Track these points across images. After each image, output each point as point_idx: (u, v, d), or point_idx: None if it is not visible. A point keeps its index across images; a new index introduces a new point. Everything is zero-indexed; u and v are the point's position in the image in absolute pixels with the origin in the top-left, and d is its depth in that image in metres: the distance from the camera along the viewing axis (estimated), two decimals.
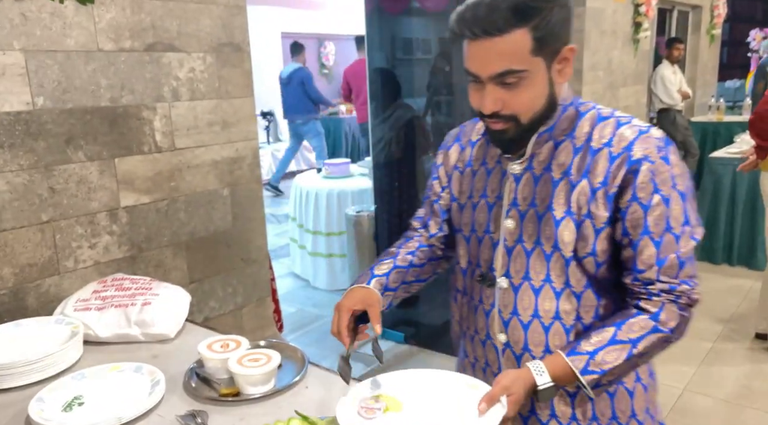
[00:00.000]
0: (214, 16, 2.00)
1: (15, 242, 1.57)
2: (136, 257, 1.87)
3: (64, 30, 1.61)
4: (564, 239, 1.01)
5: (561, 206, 1.01)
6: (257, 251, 2.30)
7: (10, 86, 1.52)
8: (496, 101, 0.96)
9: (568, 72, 1.00)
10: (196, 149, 2.02)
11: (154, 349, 1.52)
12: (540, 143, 1.03)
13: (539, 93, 0.97)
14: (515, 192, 1.06)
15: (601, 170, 0.98)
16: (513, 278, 1.07)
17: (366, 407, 0.99)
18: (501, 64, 0.93)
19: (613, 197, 0.97)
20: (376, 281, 1.20)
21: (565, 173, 1.01)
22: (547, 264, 1.03)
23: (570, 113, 1.04)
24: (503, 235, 1.07)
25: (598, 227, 0.99)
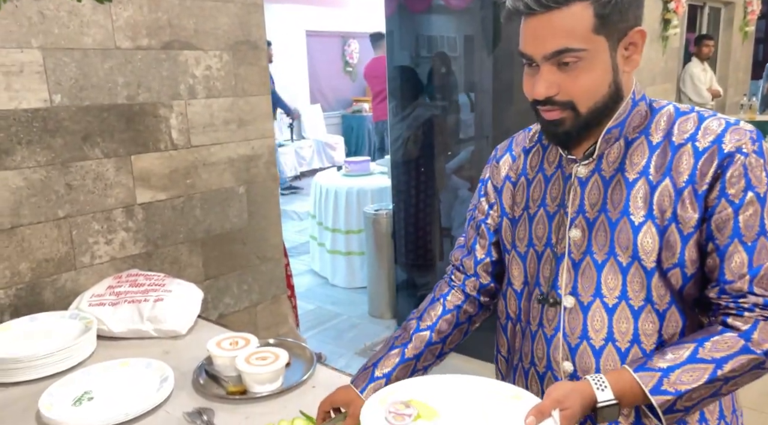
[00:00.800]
0: (231, 14, 2.01)
1: (32, 238, 1.59)
2: (151, 253, 1.89)
3: (81, 28, 1.63)
4: (645, 247, 0.88)
5: (640, 209, 0.89)
6: (272, 249, 2.30)
7: (28, 84, 1.54)
8: (551, 85, 0.86)
9: (636, 59, 0.88)
10: (212, 146, 2.03)
11: (166, 345, 1.53)
12: (608, 141, 0.92)
13: (600, 78, 0.86)
14: (581, 198, 0.94)
15: (687, 167, 0.87)
16: (581, 297, 0.94)
17: (395, 412, 0.91)
18: (557, 42, 0.83)
19: (704, 196, 0.86)
20: (371, 388, 1.05)
21: (643, 173, 0.89)
22: (624, 278, 0.90)
23: (642, 108, 0.92)
24: (569, 247, 0.95)
25: (687, 233, 0.86)
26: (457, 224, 3.46)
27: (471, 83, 3.43)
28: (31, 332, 1.47)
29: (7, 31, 1.49)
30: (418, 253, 3.54)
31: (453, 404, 0.93)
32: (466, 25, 3.37)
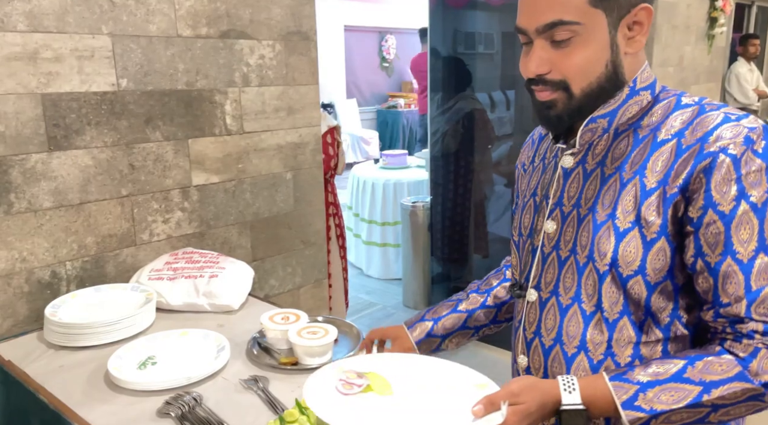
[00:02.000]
0: (284, 6, 2.08)
1: (98, 214, 1.69)
2: (204, 233, 1.97)
3: (147, 16, 1.72)
4: (600, 247, 0.81)
5: (605, 208, 0.82)
6: (316, 235, 2.37)
7: (98, 68, 1.64)
8: (543, 61, 0.81)
9: (639, 41, 0.81)
10: (263, 133, 2.11)
11: (220, 319, 1.61)
12: (595, 130, 0.86)
13: (596, 56, 0.79)
14: (562, 190, 0.90)
15: (662, 166, 0.78)
16: (542, 292, 0.91)
17: (346, 380, 0.87)
18: (550, 14, 0.78)
19: (673, 201, 0.77)
20: (418, 326, 1.12)
21: (618, 169, 0.83)
22: (579, 278, 0.85)
23: (643, 98, 0.84)
24: (542, 239, 0.91)
25: (650, 239, 0.78)
26: (493, 219, 3.48)
27: (510, 79, 3.44)
28: (95, 301, 1.57)
29: (81, 17, 1.58)
30: (453, 246, 3.57)
31: (412, 384, 0.89)
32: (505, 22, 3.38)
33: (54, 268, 1.62)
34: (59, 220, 1.61)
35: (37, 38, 1.51)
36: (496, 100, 3.49)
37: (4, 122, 1.48)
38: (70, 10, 1.56)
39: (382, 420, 0.81)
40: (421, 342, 1.11)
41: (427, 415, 0.82)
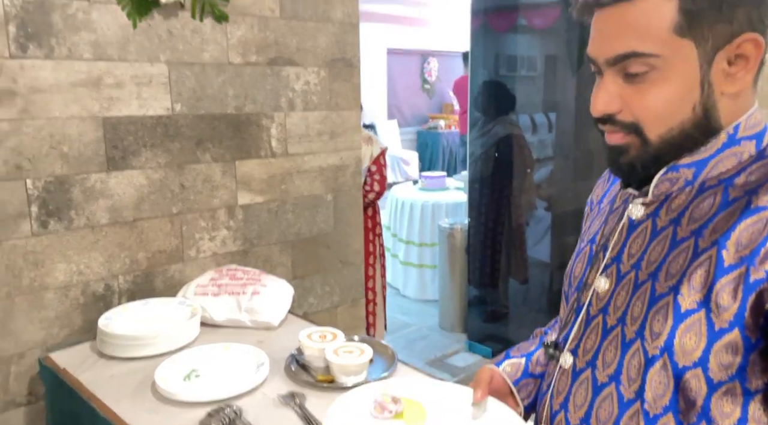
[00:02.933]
0: (329, 34, 2.16)
1: (150, 230, 1.78)
2: (248, 251, 2.05)
3: (201, 45, 1.82)
4: (654, 325, 0.67)
5: (669, 278, 0.67)
6: (354, 255, 2.42)
7: (155, 93, 1.74)
8: (613, 99, 0.68)
9: (743, 79, 0.65)
10: (306, 155, 2.18)
11: (260, 335, 1.66)
12: (675, 180, 0.70)
13: (679, 96, 0.65)
14: (623, 243, 0.75)
15: (749, 239, 0.62)
16: (578, 359, 0.77)
17: (380, 403, 0.86)
18: (623, 43, 0.65)
19: (758, 288, 0.61)
20: (507, 363, 0.94)
21: (695, 233, 0.67)
22: (622, 355, 0.70)
23: (743, 149, 0.67)
24: (591, 297, 0.77)
25: (719, 327, 0.63)
26: (532, 243, 3.46)
27: (552, 102, 3.45)
28: (144, 314, 1.65)
29: (141, 47, 1.69)
30: (490, 270, 3.56)
31: (447, 417, 0.86)
32: (549, 45, 3.40)
33: (108, 281, 1.71)
34: (114, 236, 1.71)
35: (100, 66, 1.62)
36: (538, 123, 3.50)
37: (68, 144, 1.59)
38: (132, 39, 1.67)
39: None
40: (520, 383, 0.91)
41: None
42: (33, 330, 1.58)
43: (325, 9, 2.13)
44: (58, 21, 1.53)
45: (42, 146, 1.54)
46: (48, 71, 1.53)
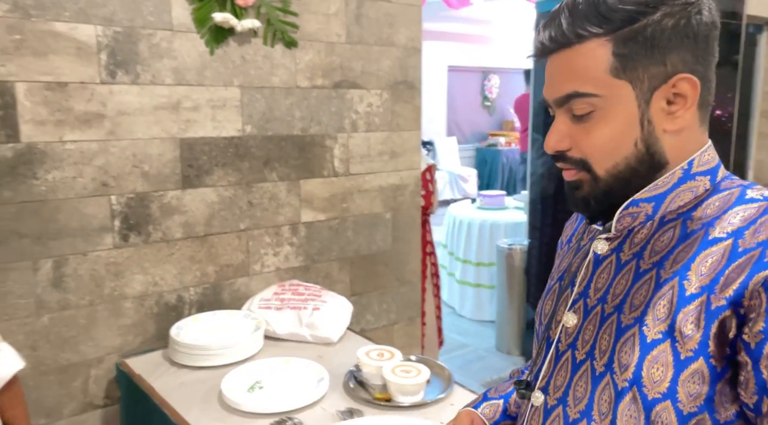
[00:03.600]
0: (392, 57, 2.22)
1: (219, 245, 1.87)
2: (309, 267, 2.11)
3: (271, 70, 1.92)
4: (621, 358, 0.67)
5: (633, 309, 0.68)
6: (411, 274, 2.44)
7: (228, 116, 1.84)
8: (563, 137, 0.72)
9: (683, 117, 0.69)
10: (367, 175, 2.24)
11: (320, 350, 1.71)
12: (636, 215, 0.73)
13: (619, 133, 0.69)
14: (590, 279, 0.76)
15: (710, 269, 0.64)
16: (549, 396, 0.77)
17: None
18: (566, 85, 0.70)
19: (719, 316, 0.62)
20: (486, 405, 0.96)
21: (656, 265, 0.69)
22: (593, 389, 0.70)
23: (699, 184, 0.71)
24: (560, 333, 0.78)
25: (684, 356, 0.63)
26: None
27: None
28: (212, 325, 1.73)
29: (217, 72, 1.80)
30: None
31: None
32: None
33: (180, 292, 1.81)
34: (186, 250, 1.81)
35: (180, 91, 1.74)
36: None
37: (148, 163, 1.70)
38: (209, 65, 1.78)
39: None
40: (498, 424, 0.93)
41: None
42: (111, 336, 1.69)
43: (389, 34, 2.19)
44: (144, 49, 1.65)
45: (125, 165, 1.66)
46: (133, 96, 1.65)
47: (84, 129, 1.58)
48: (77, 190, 1.59)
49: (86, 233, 1.61)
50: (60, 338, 1.60)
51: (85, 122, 1.58)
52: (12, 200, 1.49)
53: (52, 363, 1.60)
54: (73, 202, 1.58)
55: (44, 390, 1.59)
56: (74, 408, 1.65)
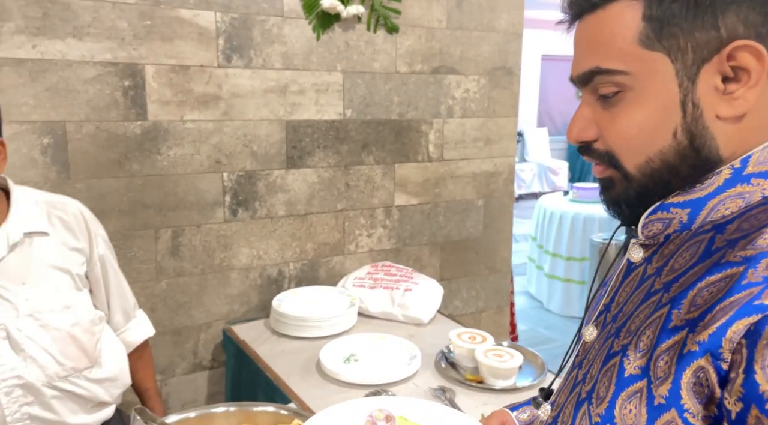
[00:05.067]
0: (492, 43, 2.20)
1: (317, 224, 1.96)
2: (400, 250, 2.15)
3: (373, 55, 1.96)
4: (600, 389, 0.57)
5: (627, 335, 0.57)
6: (501, 262, 2.42)
7: (331, 100, 1.91)
8: (588, 124, 0.59)
9: (744, 98, 0.52)
10: (460, 161, 2.24)
11: (410, 330, 1.75)
12: (668, 222, 0.58)
13: (653, 120, 0.54)
14: (617, 289, 0.65)
15: (706, 299, 0.49)
16: (553, 411, 0.71)
17: (372, 418, 0.84)
18: (588, 59, 0.57)
19: (691, 364, 0.48)
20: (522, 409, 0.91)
21: (666, 286, 0.55)
22: (573, 417, 0.61)
23: (754, 189, 0.54)
24: (579, 347, 0.69)
25: (657, 403, 0.51)
26: None
27: None
28: (310, 300, 1.81)
29: (322, 57, 1.87)
30: None
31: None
32: None
33: (281, 267, 1.91)
34: (288, 227, 1.90)
35: (287, 75, 1.82)
36: None
37: (257, 143, 1.81)
38: (314, 51, 1.85)
39: None
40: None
41: None
42: (219, 304, 1.82)
43: (490, 19, 2.17)
44: (257, 35, 1.75)
45: (237, 144, 1.77)
46: (246, 79, 1.75)
47: (202, 110, 1.70)
48: (194, 166, 1.71)
49: (201, 206, 1.74)
50: (175, 302, 1.74)
51: (203, 103, 1.70)
52: (139, 173, 1.64)
53: (168, 324, 1.74)
54: (190, 177, 1.71)
55: (161, 350, 1.74)
56: (185, 367, 1.79)
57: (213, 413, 0.94)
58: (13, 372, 0.99)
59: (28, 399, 1.01)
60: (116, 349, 1.18)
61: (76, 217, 1.13)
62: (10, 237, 1.02)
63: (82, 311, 1.09)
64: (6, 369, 0.99)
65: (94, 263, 1.16)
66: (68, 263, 1.09)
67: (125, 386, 1.19)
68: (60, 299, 1.06)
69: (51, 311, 1.03)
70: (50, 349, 1.03)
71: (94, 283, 1.15)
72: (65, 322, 1.05)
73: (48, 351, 1.03)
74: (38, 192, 1.12)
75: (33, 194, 1.09)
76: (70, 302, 1.07)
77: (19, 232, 1.03)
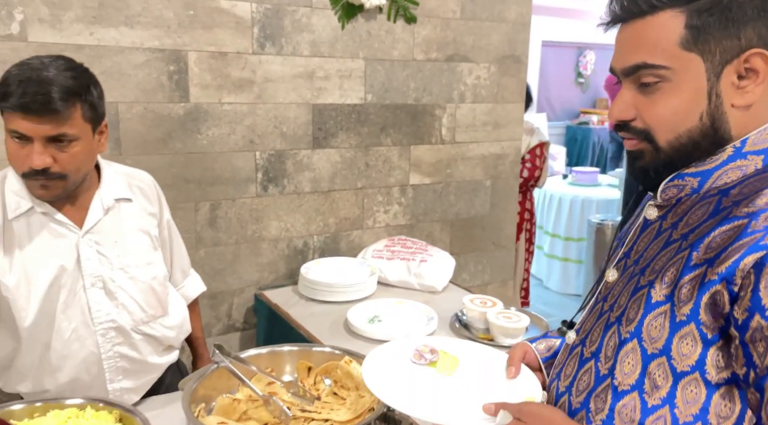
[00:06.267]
0: (501, 32, 2.34)
1: (339, 200, 2.12)
2: (413, 226, 2.32)
3: (392, 43, 2.10)
4: (629, 312, 0.74)
5: (652, 273, 0.73)
6: (506, 239, 2.59)
7: (353, 85, 2.06)
8: (628, 107, 0.73)
9: (754, 92, 0.69)
10: (470, 144, 2.40)
11: (425, 297, 1.92)
12: (681, 188, 0.75)
13: (686, 106, 0.70)
14: (635, 241, 0.81)
15: (720, 245, 0.66)
16: (577, 337, 0.84)
17: (419, 351, 0.94)
18: (635, 55, 0.71)
19: (710, 289, 0.65)
20: (542, 341, 1.01)
21: (683, 236, 0.72)
22: (603, 335, 0.77)
23: (749, 163, 0.71)
24: (601, 286, 0.85)
25: (679, 319, 0.68)
26: None
27: None
28: (333, 269, 1.98)
29: (346, 45, 2.01)
30: None
31: (475, 372, 0.93)
32: None
33: (306, 239, 2.08)
34: (313, 202, 2.06)
35: (315, 61, 1.97)
36: None
37: (286, 124, 1.96)
38: (339, 39, 2.00)
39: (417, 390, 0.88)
40: (549, 360, 0.97)
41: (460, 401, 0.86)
42: (251, 271, 1.98)
43: (500, 10, 2.31)
44: (288, 24, 1.89)
45: (268, 126, 1.92)
46: (277, 65, 1.90)
47: (238, 93, 1.85)
48: (230, 145, 1.87)
49: (236, 182, 1.90)
50: (212, 269, 1.91)
51: (239, 87, 1.84)
52: (182, 150, 1.79)
53: (206, 290, 1.91)
54: (226, 155, 1.87)
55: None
56: (220, 328, 1.96)
57: (280, 351, 1.11)
58: (108, 316, 1.16)
59: (119, 340, 1.18)
60: (179, 302, 1.35)
61: (149, 186, 1.30)
62: (104, 202, 1.19)
63: (158, 268, 1.26)
64: (102, 314, 1.16)
65: (163, 226, 1.33)
66: (147, 226, 1.26)
67: (187, 333, 1.35)
68: (143, 257, 1.23)
69: (137, 266, 1.20)
70: (137, 298, 1.20)
71: (162, 244, 1.31)
72: (147, 276, 1.22)
73: (135, 300, 1.20)
74: (117, 165, 1.28)
75: (114, 166, 1.25)
76: (150, 260, 1.24)
77: (110, 198, 1.20)
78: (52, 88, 1.00)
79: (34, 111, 1.00)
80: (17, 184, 1.11)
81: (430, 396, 0.87)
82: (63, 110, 1.01)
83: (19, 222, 1.11)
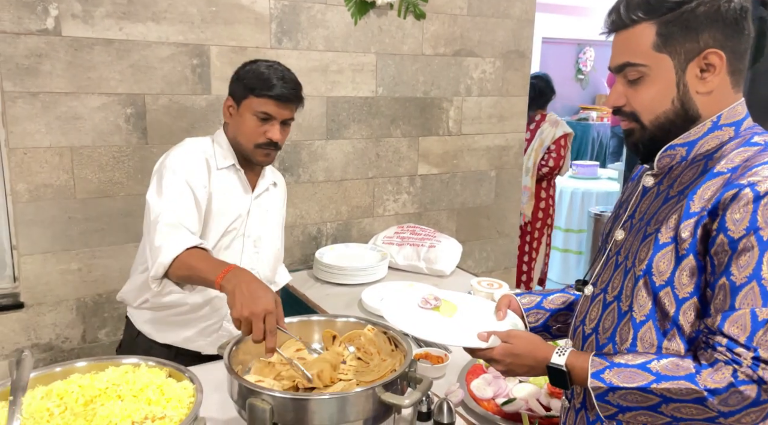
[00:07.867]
0: (507, 28, 2.43)
1: (351, 189, 2.21)
2: (421, 214, 2.41)
3: (402, 38, 2.19)
4: (640, 255, 0.91)
5: (657, 223, 0.91)
6: (510, 227, 2.69)
7: (365, 79, 2.15)
8: (619, 96, 0.94)
9: (712, 81, 0.88)
10: (476, 135, 2.49)
11: (434, 280, 2.02)
12: (673, 156, 0.94)
13: (661, 94, 0.90)
14: (637, 204, 0.99)
15: (710, 195, 0.86)
16: (596, 288, 1.01)
17: (425, 298, 1.14)
18: (621, 56, 0.91)
19: (702, 222, 0.85)
20: (526, 296, 1.18)
21: (680, 192, 0.91)
22: (623, 280, 0.94)
23: (724, 133, 0.91)
24: (611, 244, 1.01)
25: (681, 254, 0.87)
26: None
27: None
28: (347, 253, 2.08)
29: (358, 40, 2.10)
30: None
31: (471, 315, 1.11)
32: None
33: (319, 226, 2.17)
34: (326, 191, 2.16)
35: (329, 56, 2.06)
36: None
37: (301, 116, 2.05)
38: (352, 34, 2.09)
39: (425, 324, 1.08)
40: (530, 310, 1.15)
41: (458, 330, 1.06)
42: None
43: (506, 6, 2.40)
44: (304, 20, 1.98)
45: None
46: (294, 59, 1.98)
47: None
48: None
49: None
50: None
51: None
52: None
53: None
54: None
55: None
56: None
57: (311, 320, 1.20)
58: (254, 272, 1.27)
59: None
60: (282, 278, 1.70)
61: (283, 185, 1.62)
62: (267, 180, 1.52)
63: (281, 244, 1.60)
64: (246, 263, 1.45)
65: (282, 215, 1.62)
66: (282, 210, 1.60)
67: None
68: (277, 232, 1.56)
69: (273, 239, 1.54)
70: (270, 262, 1.53)
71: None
72: (275, 247, 1.55)
73: (268, 263, 1.52)
74: None
75: None
76: (280, 235, 1.58)
77: (271, 178, 1.54)
78: (298, 85, 1.41)
79: (288, 100, 1.38)
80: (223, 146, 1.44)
81: (436, 328, 1.08)
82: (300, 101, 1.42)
83: (221, 173, 1.42)
